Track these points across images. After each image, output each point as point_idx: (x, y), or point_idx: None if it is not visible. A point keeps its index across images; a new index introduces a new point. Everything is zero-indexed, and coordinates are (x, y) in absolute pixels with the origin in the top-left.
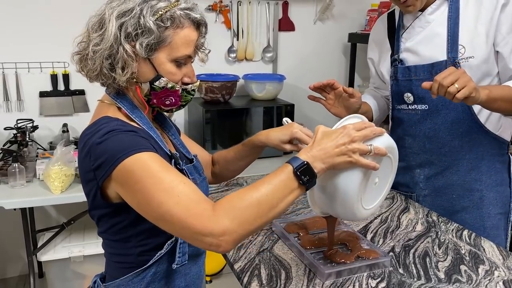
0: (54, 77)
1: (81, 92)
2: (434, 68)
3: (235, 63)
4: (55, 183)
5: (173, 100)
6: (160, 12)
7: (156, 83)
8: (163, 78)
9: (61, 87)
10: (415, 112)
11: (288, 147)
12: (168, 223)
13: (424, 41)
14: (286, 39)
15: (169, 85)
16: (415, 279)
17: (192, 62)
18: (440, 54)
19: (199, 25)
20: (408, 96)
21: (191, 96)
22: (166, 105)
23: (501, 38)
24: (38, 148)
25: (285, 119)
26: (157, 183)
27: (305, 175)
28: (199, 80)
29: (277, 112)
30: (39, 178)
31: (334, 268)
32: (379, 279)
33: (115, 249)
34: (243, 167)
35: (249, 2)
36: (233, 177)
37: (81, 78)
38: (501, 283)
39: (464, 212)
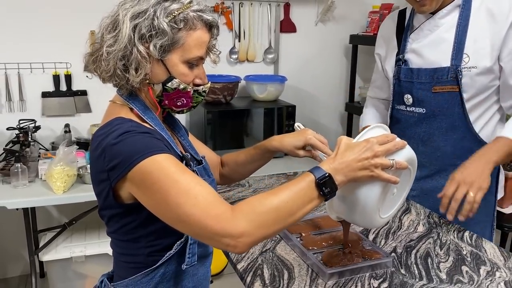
0: (56, 78)
1: (83, 93)
2: (436, 73)
3: (236, 64)
4: (57, 183)
5: (185, 102)
6: (173, 14)
7: (169, 84)
8: (176, 80)
9: (63, 87)
10: (412, 114)
11: (302, 153)
12: (185, 224)
13: (430, 45)
14: (287, 40)
15: (181, 87)
16: (417, 280)
17: (203, 63)
18: (444, 60)
19: (211, 27)
20: (408, 98)
21: (202, 98)
22: (177, 106)
23: (507, 53)
24: (40, 148)
25: (297, 124)
26: (174, 184)
27: (326, 187)
28: (209, 82)
29: (278, 113)
30: (41, 178)
31: (336, 269)
32: (381, 279)
33: (124, 249)
34: (252, 170)
35: (251, 4)
36: (241, 180)
37: (83, 79)
38: (502, 283)
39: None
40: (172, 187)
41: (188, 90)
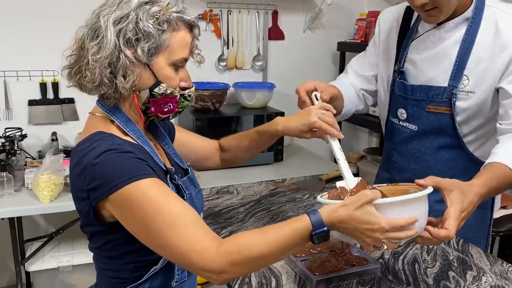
0: (43, 86)
1: (71, 101)
2: (431, 92)
3: (225, 71)
4: (44, 192)
5: (171, 107)
6: (156, 16)
7: (156, 90)
8: (163, 84)
9: (50, 95)
10: (405, 130)
11: (308, 135)
12: (168, 253)
13: (430, 59)
14: (276, 47)
15: (168, 91)
16: (404, 286)
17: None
18: (442, 79)
19: (193, 27)
20: (402, 112)
21: (187, 102)
22: (164, 112)
23: (507, 74)
24: (26, 157)
25: (315, 94)
26: (158, 213)
27: (319, 239)
28: (194, 86)
29: (268, 120)
30: (27, 187)
31: (324, 276)
32: (369, 285)
33: (108, 265)
34: (256, 154)
35: (239, 11)
36: (244, 162)
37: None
38: None
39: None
40: (155, 215)
41: (175, 94)
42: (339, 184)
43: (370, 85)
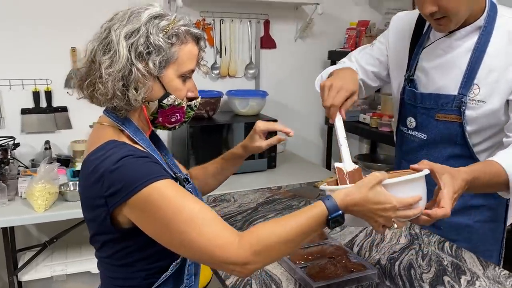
0: (36, 94)
1: (64, 109)
2: (441, 100)
3: (218, 79)
4: (38, 201)
5: (178, 117)
6: (165, 30)
7: (164, 101)
8: (171, 96)
9: (43, 104)
10: (414, 139)
11: (264, 144)
12: (189, 251)
13: (440, 67)
14: (267, 56)
15: (176, 102)
16: None
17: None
18: (452, 87)
19: (199, 39)
20: (411, 121)
21: (193, 112)
22: (171, 122)
23: None
24: (19, 166)
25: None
26: (177, 212)
27: (335, 223)
28: (200, 96)
29: None
30: (21, 197)
31: (323, 282)
32: None
33: (118, 273)
34: (222, 181)
35: (232, 20)
36: (211, 191)
37: (64, 95)
38: None
39: (454, 240)
40: (175, 214)
41: (183, 105)
42: (337, 164)
43: (370, 79)
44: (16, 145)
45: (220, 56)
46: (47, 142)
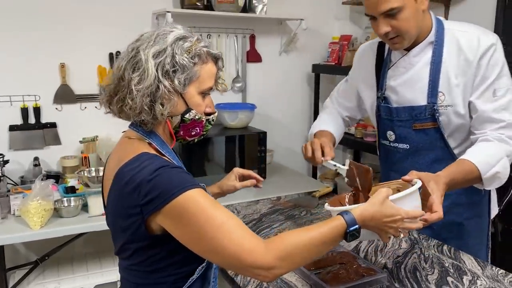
0: (24, 110)
1: (53, 125)
2: (414, 111)
3: None
4: (34, 218)
5: (198, 131)
6: (189, 50)
7: (187, 116)
8: (193, 111)
9: (31, 120)
10: (397, 150)
11: (238, 185)
12: (219, 256)
13: (406, 83)
14: (253, 69)
15: (197, 117)
16: None
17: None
18: (421, 98)
19: (218, 59)
20: (390, 134)
21: (211, 126)
22: (191, 135)
23: (474, 89)
24: (8, 183)
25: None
26: (209, 219)
27: (352, 236)
28: (216, 111)
29: (252, 139)
30: (14, 214)
31: (338, 286)
32: None
33: (148, 280)
34: None
35: (218, 35)
36: None
37: (53, 111)
38: None
39: (445, 242)
40: (207, 221)
41: (202, 119)
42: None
43: (353, 112)
44: (5, 162)
45: None
46: (36, 158)
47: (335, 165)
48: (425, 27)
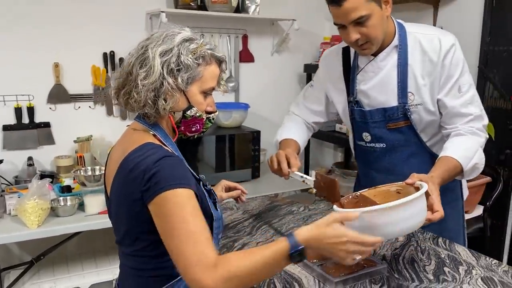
0: (18, 110)
1: (46, 125)
2: (387, 112)
3: None
4: (31, 218)
5: (198, 127)
6: (194, 52)
7: (188, 112)
8: (194, 108)
9: (25, 120)
10: (374, 149)
11: (224, 195)
12: (175, 257)
13: (377, 87)
14: (246, 69)
15: (198, 114)
16: (410, 282)
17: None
18: (392, 99)
19: (221, 62)
20: (366, 135)
21: (211, 124)
22: (191, 131)
23: (441, 87)
24: (2, 183)
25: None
26: (184, 221)
27: (297, 258)
28: (217, 111)
29: (246, 138)
30: (9, 214)
31: (341, 277)
32: (380, 283)
33: (149, 265)
34: None
35: (211, 35)
36: None
37: (47, 110)
38: (479, 279)
39: (425, 227)
40: (181, 222)
41: (203, 117)
42: (306, 180)
43: (321, 117)
44: (0, 162)
45: None
46: (30, 158)
47: (302, 177)
48: (389, 32)
